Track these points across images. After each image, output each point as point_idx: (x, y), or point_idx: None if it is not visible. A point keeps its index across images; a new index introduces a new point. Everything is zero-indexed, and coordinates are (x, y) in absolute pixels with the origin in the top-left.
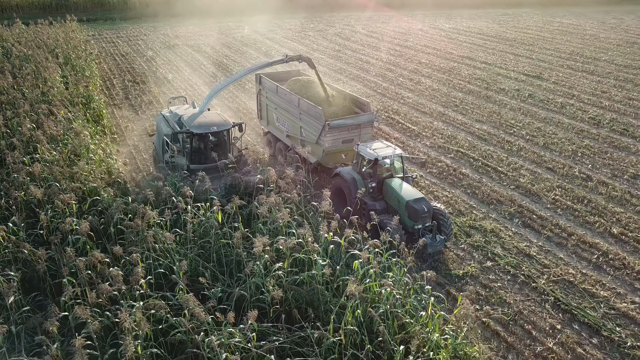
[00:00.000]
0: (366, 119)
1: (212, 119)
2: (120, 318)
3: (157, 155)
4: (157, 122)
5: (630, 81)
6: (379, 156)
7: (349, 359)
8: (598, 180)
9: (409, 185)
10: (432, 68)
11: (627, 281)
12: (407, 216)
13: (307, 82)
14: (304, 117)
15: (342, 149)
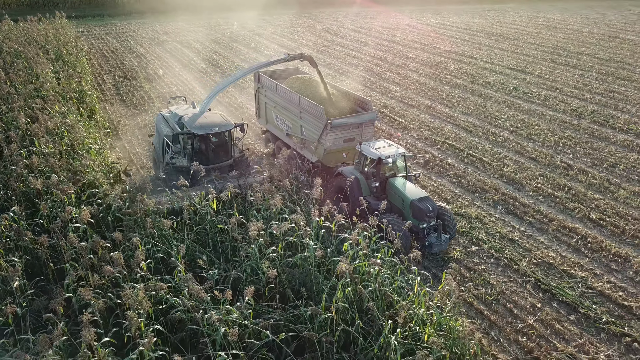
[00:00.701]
0: (368, 117)
1: (213, 119)
2: (124, 296)
3: (156, 156)
4: (157, 123)
5: (611, 74)
6: (383, 155)
7: (340, 334)
8: (578, 169)
9: (412, 185)
10: (419, 62)
11: (604, 262)
12: (411, 215)
13: (307, 80)
14: (305, 115)
15: (344, 148)
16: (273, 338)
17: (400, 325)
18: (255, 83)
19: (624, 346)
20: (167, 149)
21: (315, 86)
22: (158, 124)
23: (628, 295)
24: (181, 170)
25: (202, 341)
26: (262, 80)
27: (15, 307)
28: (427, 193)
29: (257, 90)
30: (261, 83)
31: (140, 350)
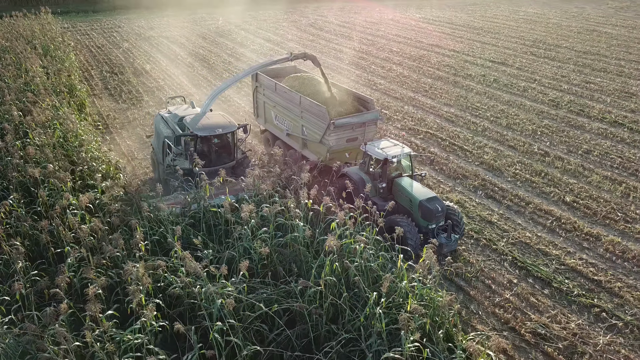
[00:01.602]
0: (371, 117)
1: (216, 120)
2: (125, 271)
3: (156, 158)
4: (156, 124)
5: (588, 66)
6: (389, 155)
7: (329, 307)
8: (555, 155)
9: (419, 184)
10: (402, 56)
11: (577, 241)
12: (420, 216)
13: (308, 79)
14: (306, 115)
15: (346, 147)
16: (266, 310)
17: (384, 295)
18: (253, 82)
19: (593, 316)
20: (169, 150)
21: (316, 85)
22: (157, 125)
23: (598, 271)
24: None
25: (200, 313)
26: (261, 79)
27: (22, 284)
28: (435, 193)
29: (255, 90)
30: (259, 82)
31: (142, 321)
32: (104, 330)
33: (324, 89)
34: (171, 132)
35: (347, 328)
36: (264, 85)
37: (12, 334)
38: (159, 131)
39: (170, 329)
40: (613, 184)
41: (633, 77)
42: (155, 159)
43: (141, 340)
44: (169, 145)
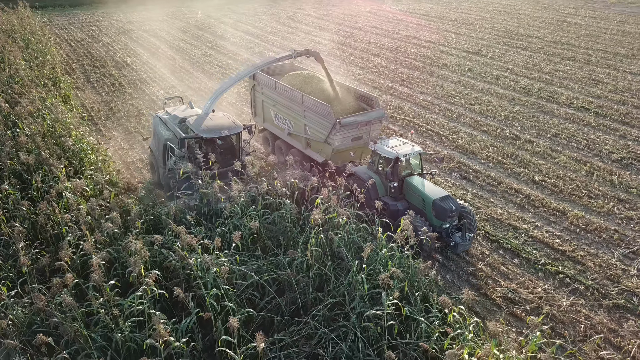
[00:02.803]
0: (376, 115)
1: (220, 121)
2: (125, 244)
3: (155, 161)
4: (154, 126)
5: (558, 55)
6: (400, 154)
7: (315, 276)
8: (525, 139)
9: (431, 183)
10: (380, 47)
11: (544, 216)
12: (434, 215)
13: (309, 76)
14: (310, 114)
15: (351, 146)
16: (257, 279)
17: (365, 262)
18: (250, 80)
19: (557, 281)
20: (171, 153)
21: (317, 83)
22: (156, 127)
23: (563, 242)
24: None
25: (195, 283)
26: (259, 78)
27: (27, 259)
28: (447, 192)
29: (252, 88)
30: (257, 80)
31: (143, 288)
32: (107, 299)
33: (326, 87)
34: (172, 134)
35: (332, 294)
36: (262, 83)
37: (20, 304)
38: (158, 134)
39: (168, 298)
40: (578, 164)
41: (600, 65)
42: (154, 162)
43: (142, 306)
44: (171, 148)
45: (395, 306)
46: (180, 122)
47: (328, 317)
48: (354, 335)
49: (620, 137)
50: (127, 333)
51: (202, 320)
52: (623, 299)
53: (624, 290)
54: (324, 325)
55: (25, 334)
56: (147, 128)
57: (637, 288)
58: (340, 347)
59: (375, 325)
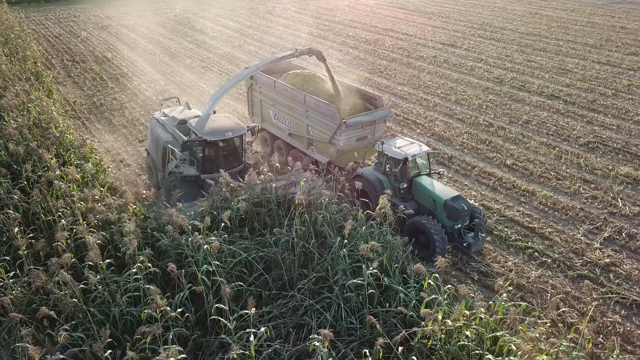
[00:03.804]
0: (381, 114)
1: (223, 123)
2: (119, 224)
3: (152, 164)
4: (151, 128)
5: (529, 46)
6: (409, 155)
7: (299, 251)
8: (498, 126)
9: (440, 183)
10: (358, 40)
11: (515, 197)
12: (445, 216)
13: (310, 75)
14: (313, 114)
15: (356, 147)
16: (245, 256)
17: (347, 237)
18: (247, 79)
19: (527, 255)
20: (172, 156)
21: (319, 82)
22: (154, 129)
23: (532, 220)
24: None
25: (187, 261)
26: (257, 77)
27: (25, 240)
28: (458, 192)
29: (249, 87)
30: (255, 79)
31: (138, 265)
32: (103, 277)
33: (328, 86)
34: (171, 136)
35: (316, 269)
36: (260, 82)
37: (19, 283)
38: (157, 136)
39: (162, 276)
40: (548, 149)
41: (569, 55)
42: (151, 165)
43: (138, 283)
44: (172, 151)
45: (375, 278)
46: (180, 123)
47: (313, 290)
48: (337, 306)
49: (587, 123)
50: (124, 307)
51: (193, 297)
52: (586, 270)
53: (588, 262)
54: (309, 297)
55: (26, 312)
56: (131, 121)
57: (599, 260)
58: (325, 317)
59: (357, 295)
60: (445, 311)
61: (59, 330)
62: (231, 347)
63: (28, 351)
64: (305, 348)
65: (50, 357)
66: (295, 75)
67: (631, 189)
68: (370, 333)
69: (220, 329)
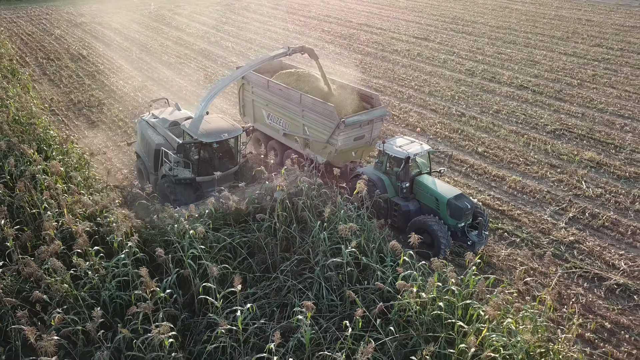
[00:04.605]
0: (379, 113)
1: (218, 124)
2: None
3: (143, 167)
4: (142, 130)
5: (500, 39)
6: (410, 154)
7: (281, 236)
8: (470, 115)
9: (442, 182)
10: (334, 35)
11: (486, 182)
12: (449, 215)
13: (304, 75)
14: (309, 114)
15: (353, 146)
16: (229, 241)
17: (326, 220)
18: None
19: (497, 236)
20: (166, 159)
21: (314, 81)
22: (144, 132)
23: (502, 203)
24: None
25: (174, 247)
26: (248, 76)
27: (13, 231)
28: (460, 190)
29: (241, 87)
30: (246, 79)
31: (126, 251)
32: (92, 263)
33: (322, 85)
34: (162, 138)
35: (298, 252)
36: (252, 82)
37: (9, 272)
38: (148, 139)
39: (149, 262)
40: (517, 136)
41: (538, 47)
42: (142, 169)
43: (126, 268)
44: (165, 154)
45: (354, 258)
46: (171, 125)
47: (295, 271)
48: (318, 285)
49: (554, 112)
50: (113, 292)
51: (180, 283)
52: (552, 247)
53: (554, 240)
54: (291, 278)
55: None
56: (110, 117)
57: (564, 238)
58: (307, 295)
59: (337, 274)
60: (419, 285)
61: (52, 313)
62: (219, 323)
63: (22, 334)
64: (289, 325)
65: (46, 337)
66: (289, 74)
67: (594, 172)
68: (351, 308)
69: (208, 311)
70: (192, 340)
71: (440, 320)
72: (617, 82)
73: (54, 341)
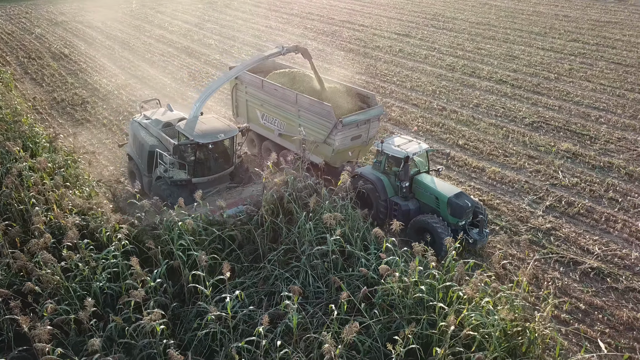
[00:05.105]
0: (376, 112)
1: (214, 125)
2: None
3: (136, 170)
4: (133, 131)
5: (479, 35)
6: (410, 153)
7: (269, 226)
8: (450, 109)
9: (441, 180)
10: (316, 32)
11: (467, 173)
12: (449, 213)
13: (299, 74)
14: (306, 114)
15: (350, 146)
16: (219, 233)
17: (311, 211)
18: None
19: None
20: (161, 161)
21: (309, 81)
22: (136, 133)
23: (482, 193)
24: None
25: (163, 238)
26: (242, 76)
27: (2, 225)
28: (459, 188)
29: (234, 87)
30: (240, 79)
31: (116, 243)
32: (82, 255)
33: (316, 85)
34: (156, 140)
35: (285, 242)
36: (245, 82)
37: (1, 265)
38: (141, 140)
39: (139, 254)
40: (496, 129)
41: (516, 43)
42: (135, 171)
43: (116, 260)
44: (160, 155)
45: (339, 246)
46: (165, 126)
47: (282, 260)
48: (305, 273)
49: (532, 105)
50: (104, 283)
51: (170, 275)
52: (530, 234)
53: (531, 227)
54: (278, 267)
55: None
56: (95, 116)
57: (542, 225)
58: (294, 283)
59: (322, 262)
60: (402, 270)
61: (44, 304)
62: (209, 309)
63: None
64: (277, 312)
65: (40, 325)
66: (283, 74)
67: (570, 162)
68: (336, 294)
69: (198, 300)
70: (183, 328)
71: (422, 304)
72: (593, 76)
73: (48, 329)
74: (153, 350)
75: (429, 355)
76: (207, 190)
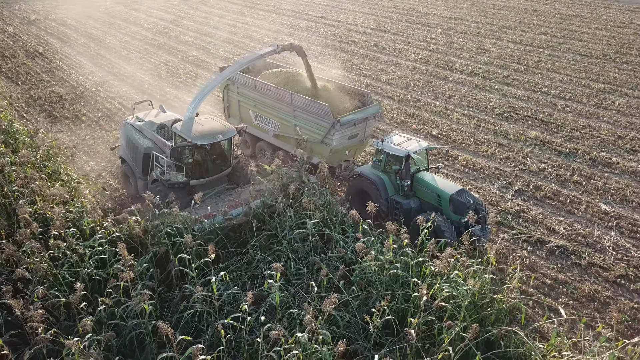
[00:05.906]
0: (373, 111)
1: (211, 126)
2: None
3: (131, 173)
4: (127, 134)
5: (452, 29)
6: (410, 151)
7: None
8: (424, 101)
9: (442, 178)
10: (293, 28)
11: (440, 162)
12: (451, 210)
13: (293, 74)
14: (302, 114)
15: (347, 145)
16: (207, 222)
17: (291, 196)
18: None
19: None
20: (157, 163)
21: (304, 81)
22: (130, 136)
23: (455, 180)
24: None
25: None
26: (233, 76)
27: None
28: (461, 185)
29: (225, 88)
30: (231, 79)
31: (102, 231)
32: (70, 244)
33: (311, 84)
34: (150, 142)
35: (267, 228)
36: (237, 82)
37: None
38: (135, 143)
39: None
40: (468, 119)
41: (487, 36)
42: (128, 174)
43: (103, 247)
44: (156, 158)
45: (318, 230)
46: (159, 128)
47: (264, 246)
48: (286, 256)
49: (503, 96)
50: (92, 269)
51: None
52: (500, 217)
53: (501, 210)
54: (261, 252)
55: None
56: (73, 112)
57: (511, 208)
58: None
59: (303, 245)
60: (377, 250)
61: (35, 289)
62: (195, 290)
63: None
64: (260, 293)
65: (33, 308)
66: (276, 74)
67: (538, 149)
68: (316, 275)
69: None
70: (170, 311)
71: (397, 280)
72: (560, 67)
73: (40, 312)
74: (142, 330)
75: (404, 327)
76: (205, 192)
